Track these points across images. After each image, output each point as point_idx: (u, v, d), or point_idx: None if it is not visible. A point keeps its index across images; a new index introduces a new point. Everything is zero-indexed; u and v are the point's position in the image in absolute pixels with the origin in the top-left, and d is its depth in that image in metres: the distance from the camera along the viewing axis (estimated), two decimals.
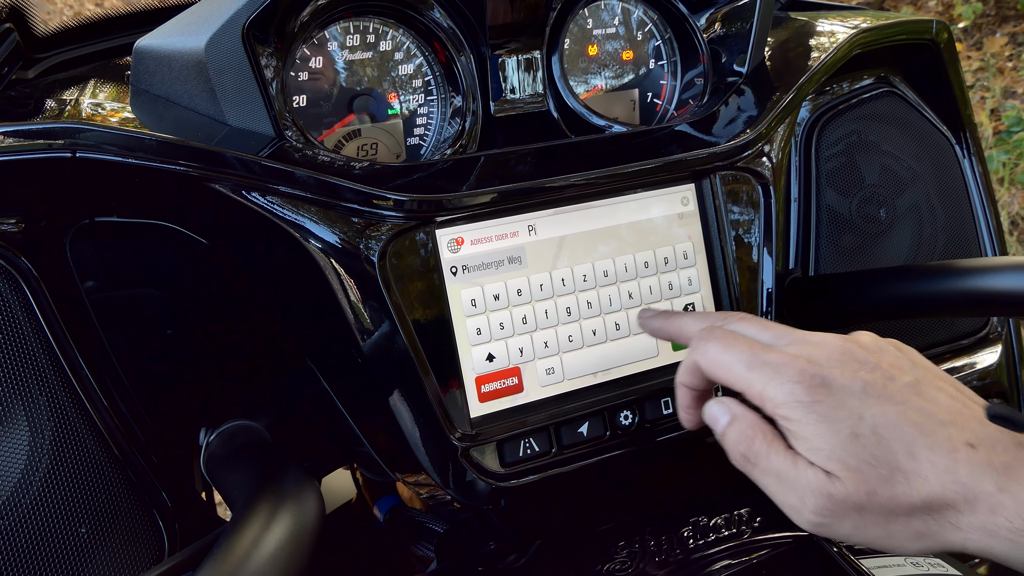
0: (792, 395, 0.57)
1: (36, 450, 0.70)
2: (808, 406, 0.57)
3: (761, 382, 0.59)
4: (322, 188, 0.69)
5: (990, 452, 0.54)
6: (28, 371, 0.71)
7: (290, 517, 0.60)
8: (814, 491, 0.56)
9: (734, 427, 0.61)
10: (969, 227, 1.05)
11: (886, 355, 0.61)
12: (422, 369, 0.72)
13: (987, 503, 0.53)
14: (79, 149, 0.68)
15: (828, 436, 0.56)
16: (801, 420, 0.57)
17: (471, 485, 0.73)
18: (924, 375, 0.60)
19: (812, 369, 0.58)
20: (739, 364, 0.60)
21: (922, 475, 0.54)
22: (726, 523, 0.75)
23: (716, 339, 0.63)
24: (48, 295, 0.72)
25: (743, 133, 0.81)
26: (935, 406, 0.57)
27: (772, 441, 0.59)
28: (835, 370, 0.58)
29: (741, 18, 0.89)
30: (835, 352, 0.60)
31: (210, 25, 0.70)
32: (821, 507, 0.56)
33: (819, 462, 0.56)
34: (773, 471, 0.58)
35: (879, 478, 0.55)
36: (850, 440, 0.55)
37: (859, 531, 0.56)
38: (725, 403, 0.63)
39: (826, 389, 0.57)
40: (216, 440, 0.80)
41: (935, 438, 0.55)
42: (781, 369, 0.58)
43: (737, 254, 0.83)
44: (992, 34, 4.07)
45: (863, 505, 0.55)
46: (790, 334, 0.63)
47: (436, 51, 0.83)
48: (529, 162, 0.77)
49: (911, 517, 0.55)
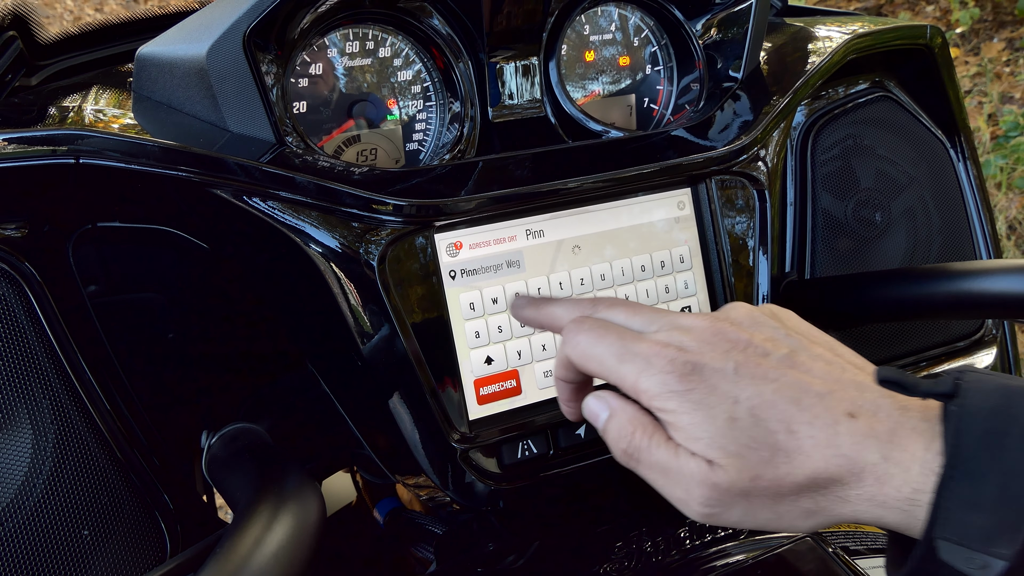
0: (665, 385, 0.55)
1: (39, 453, 0.71)
2: (682, 395, 0.54)
3: (633, 374, 0.56)
4: (322, 193, 0.70)
5: (872, 420, 0.53)
6: (31, 375, 0.71)
7: (291, 518, 0.60)
8: (698, 482, 0.54)
9: (613, 422, 0.58)
10: (964, 231, 1.06)
11: (760, 329, 0.59)
12: (421, 372, 0.72)
13: (873, 474, 0.51)
14: (82, 155, 0.69)
15: (705, 424, 0.54)
16: (677, 410, 0.54)
17: (470, 487, 0.74)
18: (799, 343, 0.58)
19: (683, 356, 0.55)
20: (610, 356, 0.58)
21: (804, 452, 0.52)
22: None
23: (585, 331, 0.60)
24: (51, 299, 0.73)
25: (739, 138, 0.82)
26: (811, 377, 0.55)
27: (652, 434, 0.56)
28: (706, 354, 0.56)
29: (736, 24, 0.90)
30: (706, 334, 0.57)
31: (211, 33, 0.71)
32: (707, 497, 0.54)
33: (699, 451, 0.54)
34: (656, 465, 0.56)
35: (761, 461, 0.53)
36: (727, 425, 0.53)
37: (749, 516, 0.54)
38: (603, 397, 0.60)
39: (698, 375, 0.55)
40: (218, 443, 0.81)
41: (813, 412, 0.53)
42: (652, 359, 0.56)
43: (733, 257, 0.83)
44: (989, 39, 4.08)
45: (749, 490, 0.53)
46: (661, 318, 0.60)
47: (435, 57, 0.84)
48: (527, 167, 0.78)
49: (798, 496, 0.53)
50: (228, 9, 0.72)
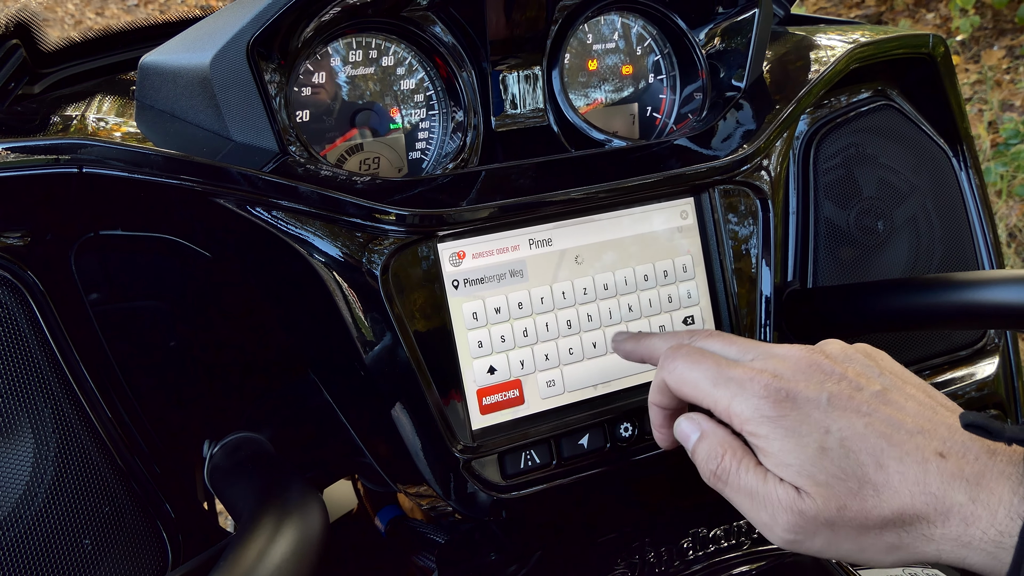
0: (758, 410, 0.56)
1: (41, 461, 0.70)
2: (774, 421, 0.56)
3: (727, 398, 0.58)
4: (325, 203, 0.70)
5: (961, 461, 0.53)
6: (33, 383, 0.71)
7: (295, 530, 0.60)
8: (785, 508, 0.55)
9: (703, 444, 0.60)
10: (966, 239, 1.05)
11: (853, 364, 0.60)
12: (424, 381, 0.72)
13: (960, 514, 0.52)
14: (85, 164, 0.69)
15: (795, 451, 0.55)
16: (768, 436, 0.56)
17: (472, 497, 0.74)
18: (892, 382, 0.59)
19: (777, 383, 0.57)
20: (705, 380, 0.60)
21: (892, 487, 0.53)
22: (725, 534, 0.75)
23: (682, 357, 0.62)
24: (53, 308, 0.73)
25: (741, 147, 0.82)
26: (903, 415, 0.56)
27: (742, 458, 0.58)
28: (800, 383, 0.57)
29: (739, 33, 0.90)
30: (800, 364, 0.59)
31: (215, 42, 0.71)
32: (792, 524, 0.55)
33: (788, 478, 0.55)
34: (744, 489, 0.57)
35: (849, 492, 0.54)
36: (818, 454, 0.55)
37: (832, 546, 0.56)
38: (695, 419, 0.62)
39: (791, 403, 0.56)
40: (220, 452, 0.80)
41: (904, 448, 0.54)
42: (746, 384, 0.58)
43: (736, 267, 0.83)
44: (990, 47, 4.09)
45: (834, 520, 0.54)
46: (756, 348, 0.62)
47: (438, 66, 0.84)
48: (530, 176, 0.78)
49: (883, 530, 0.54)
50: (232, 18, 0.72)
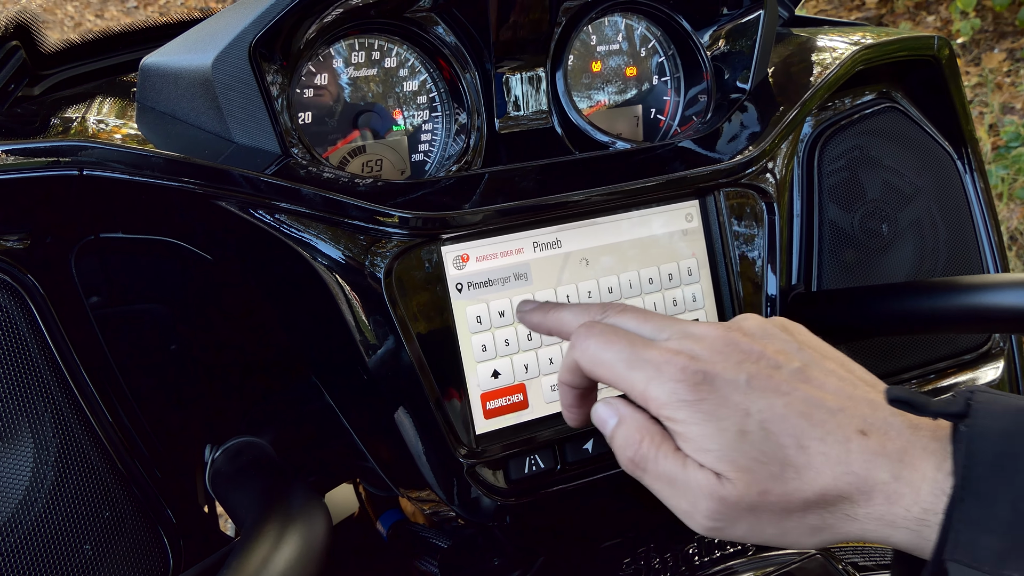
0: (674, 394, 0.54)
1: (41, 466, 0.70)
2: (692, 405, 0.53)
3: (643, 381, 0.55)
4: (328, 205, 0.69)
5: (883, 438, 0.52)
6: (33, 387, 0.71)
7: (299, 537, 0.60)
8: (705, 495, 0.53)
9: (621, 429, 0.58)
10: (971, 242, 1.05)
11: (771, 341, 0.58)
12: (427, 386, 0.72)
13: (883, 492, 0.51)
14: (86, 167, 0.68)
15: (715, 436, 0.53)
16: (686, 420, 0.54)
17: (476, 502, 0.73)
18: (811, 357, 0.57)
19: (694, 365, 0.55)
20: (619, 362, 0.57)
21: (814, 468, 0.52)
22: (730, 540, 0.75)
23: (595, 335, 0.59)
24: (53, 311, 0.72)
25: (747, 150, 0.82)
26: (823, 392, 0.54)
27: (661, 443, 0.56)
28: (718, 364, 0.55)
29: (744, 35, 0.89)
30: (717, 344, 0.56)
31: (217, 43, 0.71)
32: (713, 511, 0.53)
33: (708, 463, 0.53)
34: (663, 476, 0.55)
35: (770, 476, 0.52)
36: (738, 438, 0.53)
37: (754, 532, 0.54)
38: (612, 404, 0.59)
39: (709, 386, 0.54)
40: (222, 457, 0.80)
41: (825, 428, 0.52)
42: (662, 367, 0.55)
43: (741, 270, 0.83)
44: (990, 50, 4.09)
45: (756, 505, 0.52)
46: (672, 325, 0.59)
47: (441, 68, 0.83)
48: (534, 179, 0.77)
49: (806, 512, 0.53)
50: (233, 20, 0.72)
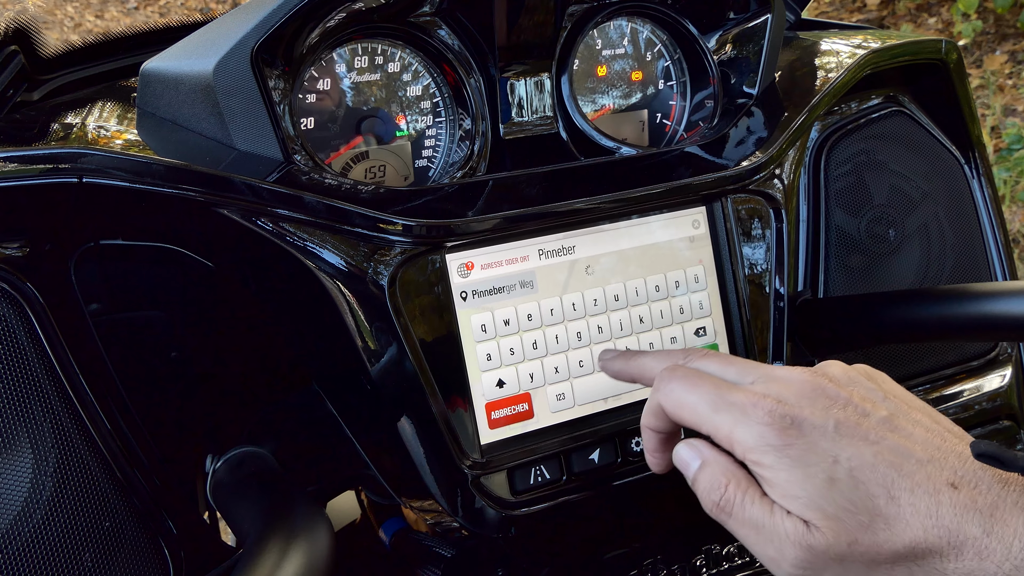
0: (762, 438, 0.54)
1: (40, 476, 0.69)
2: (780, 450, 0.53)
3: (728, 425, 0.56)
4: (330, 213, 0.68)
5: (973, 492, 0.52)
6: (32, 396, 0.70)
7: (302, 554, 0.59)
8: (793, 543, 0.53)
9: (705, 473, 0.58)
10: (978, 247, 1.04)
11: (858, 387, 0.58)
12: (431, 395, 0.71)
13: (973, 548, 0.50)
14: (85, 174, 0.68)
15: (803, 482, 0.53)
16: (774, 466, 0.54)
17: (480, 513, 0.73)
18: (898, 407, 0.57)
19: (781, 409, 0.54)
20: (704, 405, 0.57)
21: (904, 520, 0.51)
22: (739, 551, 0.74)
23: (679, 379, 0.59)
24: (52, 319, 0.72)
25: (754, 155, 0.81)
26: (912, 443, 0.54)
27: (747, 488, 0.56)
28: (806, 409, 0.55)
29: (752, 40, 0.88)
30: (804, 388, 0.56)
31: (218, 48, 0.70)
32: (801, 560, 0.53)
33: (796, 511, 0.53)
34: (749, 521, 0.55)
35: (859, 526, 0.52)
36: (827, 485, 0.52)
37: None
38: (695, 446, 0.59)
39: (797, 430, 0.54)
40: (223, 467, 0.79)
41: (915, 479, 0.52)
42: (749, 410, 0.55)
43: (748, 277, 0.82)
44: (992, 52, 4.08)
45: (844, 556, 0.52)
46: (756, 370, 0.59)
47: (445, 73, 0.82)
48: (539, 186, 0.76)
49: (894, 565, 0.52)
50: (235, 24, 0.71)
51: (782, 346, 0.82)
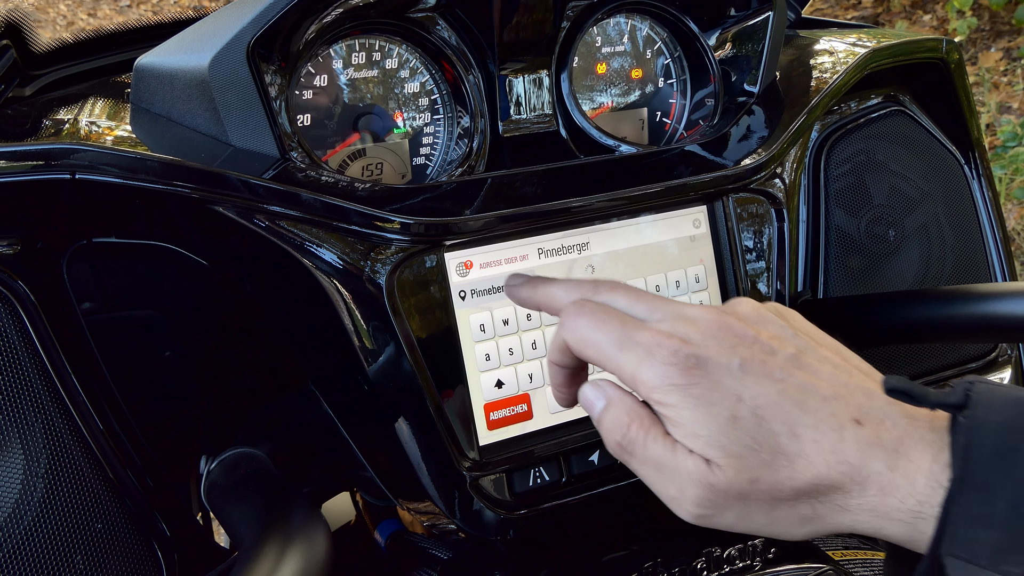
0: (666, 378, 0.52)
1: (31, 477, 0.69)
2: (683, 389, 0.52)
3: (633, 364, 0.54)
4: (327, 210, 0.68)
5: (878, 428, 0.51)
6: (23, 396, 0.69)
7: (300, 557, 0.58)
8: (694, 481, 0.52)
9: (609, 412, 0.56)
10: (978, 248, 1.04)
11: (766, 325, 0.56)
12: (429, 396, 0.70)
13: (877, 483, 0.50)
14: (78, 170, 0.67)
15: (706, 421, 0.51)
16: (677, 404, 0.52)
17: (478, 515, 0.72)
18: (806, 344, 0.55)
19: (686, 349, 0.53)
20: (609, 344, 0.55)
21: (806, 456, 0.50)
22: (740, 554, 0.73)
23: (586, 314, 0.57)
24: (44, 318, 0.71)
25: (755, 154, 0.80)
26: (818, 379, 0.53)
27: (650, 428, 0.54)
28: (711, 348, 0.53)
29: (752, 38, 0.88)
30: (711, 327, 0.55)
31: (214, 44, 0.69)
32: (702, 498, 0.52)
33: (698, 449, 0.52)
34: (651, 460, 0.54)
35: (761, 463, 0.51)
36: (729, 424, 0.51)
37: (743, 520, 0.53)
38: (601, 386, 0.58)
39: (702, 370, 0.52)
40: (217, 469, 0.78)
41: (819, 416, 0.51)
42: (654, 349, 0.53)
43: (749, 276, 0.81)
44: (987, 49, 4.08)
45: (746, 493, 0.51)
46: (664, 307, 0.57)
47: (443, 69, 0.82)
48: (538, 184, 0.76)
49: (796, 502, 0.51)
50: (231, 19, 0.70)
51: None
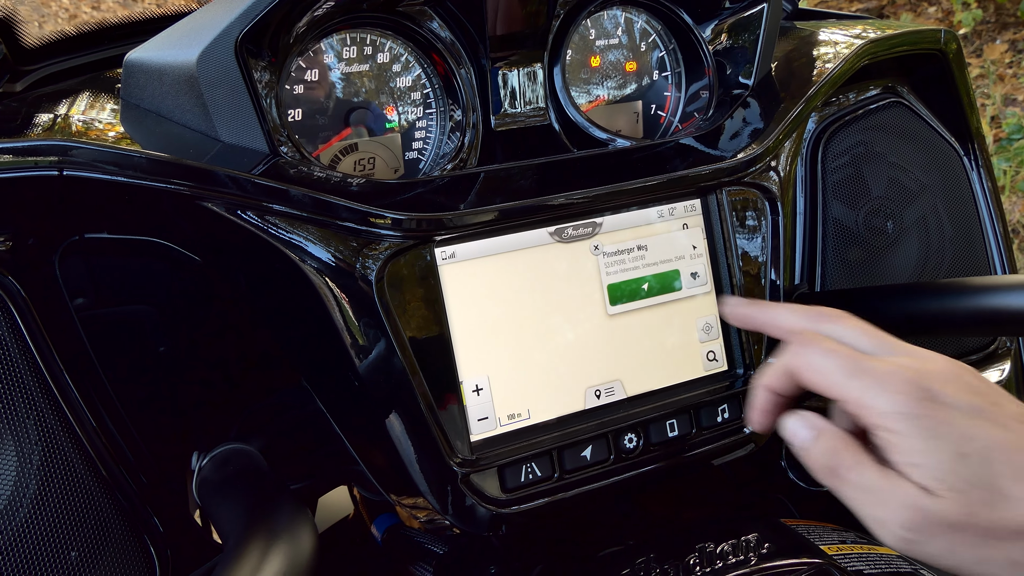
0: (896, 405, 0.54)
1: (24, 473, 0.69)
2: (913, 419, 0.54)
3: (860, 390, 0.56)
4: (318, 206, 0.67)
5: None
6: (15, 392, 0.69)
7: (283, 556, 0.58)
8: (907, 505, 0.53)
9: (820, 441, 0.59)
10: (977, 240, 1.03)
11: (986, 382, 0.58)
12: (420, 392, 0.70)
13: None
14: (67, 167, 0.67)
15: (932, 452, 0.53)
16: (904, 432, 0.54)
17: (471, 511, 0.72)
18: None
19: (921, 381, 0.55)
20: (839, 371, 0.58)
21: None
22: (733, 549, 0.73)
23: (817, 344, 0.60)
24: (36, 314, 0.71)
25: (750, 147, 0.80)
26: None
27: (861, 454, 0.57)
28: (947, 386, 0.55)
29: (747, 29, 0.87)
30: (945, 369, 0.57)
31: (202, 38, 0.69)
32: (912, 522, 0.53)
33: (918, 477, 0.53)
34: (862, 484, 0.56)
35: (981, 500, 0.52)
36: (955, 459, 0.53)
37: (950, 553, 0.53)
38: (806, 417, 0.61)
39: (934, 404, 0.54)
40: (209, 465, 0.78)
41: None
42: (886, 378, 0.55)
43: (745, 269, 0.81)
44: (992, 41, 4.06)
45: (960, 526, 0.52)
46: (896, 345, 0.60)
47: (435, 63, 0.81)
48: (531, 178, 0.75)
49: (1010, 543, 0.52)
50: (219, 14, 0.70)
51: (777, 340, 0.81)
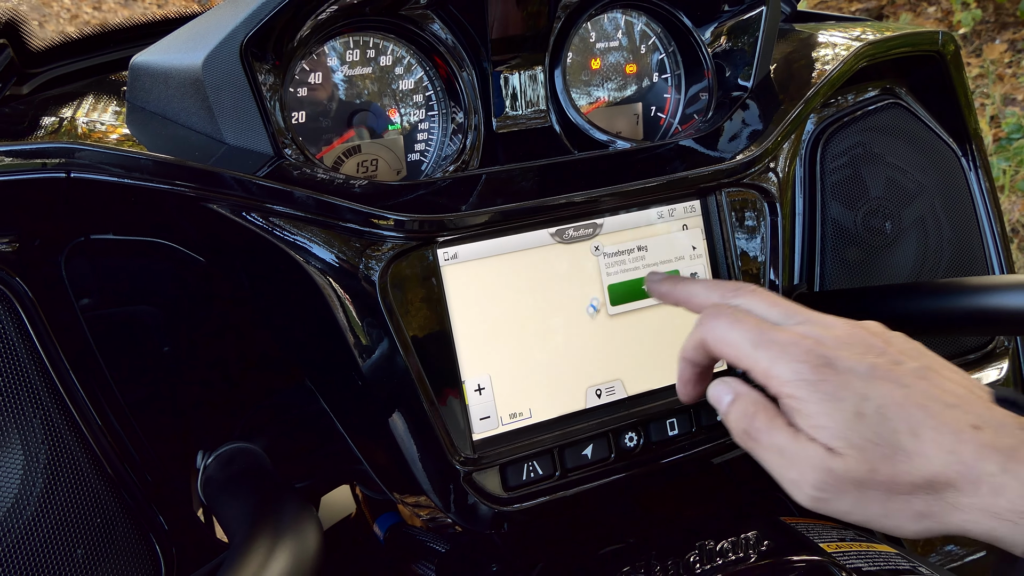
0: (797, 373, 0.57)
1: (31, 472, 0.69)
2: (813, 384, 0.57)
3: (767, 360, 0.59)
4: (321, 208, 0.68)
5: (995, 434, 0.54)
6: (22, 392, 0.70)
7: (289, 554, 0.59)
8: (815, 466, 0.56)
9: (737, 404, 0.61)
10: (975, 240, 1.04)
11: (895, 341, 0.61)
12: (423, 391, 0.70)
13: (990, 484, 0.53)
14: (74, 169, 0.67)
15: (832, 414, 0.56)
16: (805, 398, 0.57)
17: (473, 509, 0.72)
18: (932, 362, 0.59)
19: (819, 349, 0.58)
20: (745, 342, 0.60)
21: (925, 454, 0.54)
22: (733, 547, 0.74)
23: (724, 316, 0.63)
24: (43, 315, 0.71)
25: (749, 149, 0.80)
26: (941, 390, 0.57)
27: (774, 417, 0.59)
28: (842, 351, 0.58)
29: (746, 32, 0.88)
30: (843, 335, 0.60)
31: (208, 42, 0.69)
32: (821, 481, 0.56)
33: (822, 438, 0.56)
34: (774, 446, 0.58)
35: (881, 456, 0.54)
36: (854, 418, 0.55)
37: (858, 508, 0.56)
38: (728, 383, 0.63)
39: (831, 369, 0.57)
40: (214, 463, 0.78)
41: (940, 419, 0.55)
42: (788, 348, 0.58)
43: (744, 270, 0.82)
44: (991, 41, 4.06)
45: (863, 481, 0.55)
46: (799, 313, 0.63)
47: (437, 66, 0.82)
48: (532, 180, 0.76)
49: (912, 496, 0.55)
50: (225, 17, 0.70)
51: None
